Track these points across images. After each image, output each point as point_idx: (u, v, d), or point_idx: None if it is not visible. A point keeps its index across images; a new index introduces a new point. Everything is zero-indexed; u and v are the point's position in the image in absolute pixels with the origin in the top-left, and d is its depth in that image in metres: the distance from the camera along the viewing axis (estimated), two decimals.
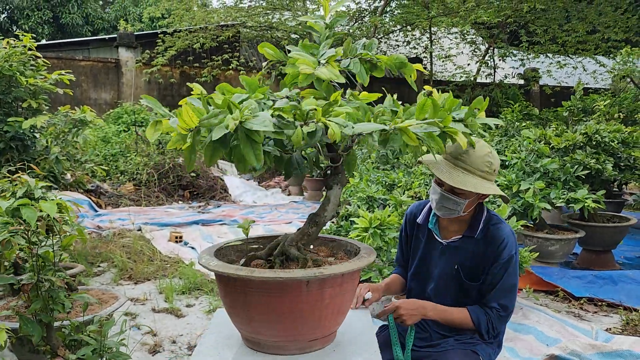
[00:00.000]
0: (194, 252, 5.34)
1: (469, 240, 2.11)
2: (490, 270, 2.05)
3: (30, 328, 1.83)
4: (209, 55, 12.54)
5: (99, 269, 4.85)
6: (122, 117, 10.61)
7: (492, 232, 2.08)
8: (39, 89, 4.31)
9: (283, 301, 1.68)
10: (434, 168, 1.99)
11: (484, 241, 2.08)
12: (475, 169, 2.00)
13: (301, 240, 1.99)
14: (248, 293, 1.67)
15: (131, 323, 3.48)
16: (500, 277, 2.04)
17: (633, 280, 3.96)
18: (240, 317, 1.75)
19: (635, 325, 3.40)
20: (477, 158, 2.00)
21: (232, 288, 1.71)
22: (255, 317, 1.71)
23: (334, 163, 1.88)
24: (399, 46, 15.62)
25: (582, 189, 4.24)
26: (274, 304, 1.68)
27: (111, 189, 8.46)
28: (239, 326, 1.79)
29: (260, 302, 1.68)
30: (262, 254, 1.90)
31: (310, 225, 1.98)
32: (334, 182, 1.89)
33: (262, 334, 1.74)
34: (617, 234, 4.73)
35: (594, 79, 14.79)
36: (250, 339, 1.79)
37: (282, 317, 1.70)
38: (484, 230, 2.09)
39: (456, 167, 2.01)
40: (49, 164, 4.10)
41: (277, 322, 1.70)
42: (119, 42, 12.53)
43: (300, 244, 2.00)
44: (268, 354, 1.79)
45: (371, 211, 4.64)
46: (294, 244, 1.97)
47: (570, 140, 4.54)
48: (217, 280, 1.77)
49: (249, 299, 1.68)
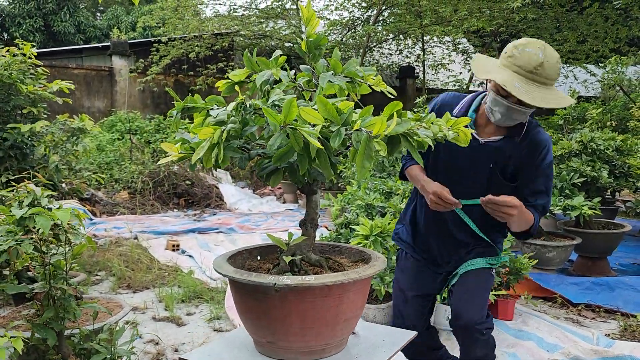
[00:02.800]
0: (191, 260, 5.34)
1: (511, 142, 2.13)
2: (532, 173, 2.12)
3: (44, 333, 1.83)
4: (204, 64, 12.56)
5: (97, 277, 4.83)
6: (116, 125, 10.60)
7: (533, 135, 2.12)
8: (38, 97, 4.31)
9: (329, 304, 1.71)
10: (508, 87, 1.88)
11: (527, 144, 2.11)
12: (552, 80, 1.93)
13: (312, 245, 2.02)
14: (294, 301, 1.67)
15: (133, 332, 3.46)
16: (543, 180, 2.11)
17: (630, 287, 4.01)
18: (272, 327, 1.74)
19: (633, 331, 3.44)
20: (552, 67, 1.92)
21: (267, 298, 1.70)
22: (294, 324, 1.70)
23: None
24: (391, 55, 15.75)
25: (579, 196, 4.30)
26: (318, 308, 1.70)
27: (106, 197, 8.43)
28: (265, 335, 1.77)
29: (307, 309, 1.69)
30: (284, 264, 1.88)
31: (310, 227, 2.01)
32: (317, 187, 1.95)
33: (302, 340, 1.74)
34: (612, 240, 4.79)
35: (585, 87, 14.98)
36: (277, 348, 1.78)
37: (322, 321, 1.72)
38: (527, 133, 2.11)
39: (532, 82, 1.92)
40: (49, 172, 4.09)
41: (318, 326, 1.72)
42: (113, 50, 12.52)
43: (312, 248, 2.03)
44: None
45: (370, 219, 4.67)
46: (310, 249, 1.99)
47: (566, 148, 4.60)
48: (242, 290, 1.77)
49: (297, 307, 1.68)
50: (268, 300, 1.70)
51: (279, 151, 1.64)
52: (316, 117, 1.57)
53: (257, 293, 1.72)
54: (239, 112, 1.70)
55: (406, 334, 2.13)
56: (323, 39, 1.99)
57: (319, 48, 2.02)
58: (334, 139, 1.56)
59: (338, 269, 1.97)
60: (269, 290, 1.68)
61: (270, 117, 1.54)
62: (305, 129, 1.53)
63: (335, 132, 1.57)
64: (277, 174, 1.84)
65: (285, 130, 1.56)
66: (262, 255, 2.18)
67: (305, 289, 1.66)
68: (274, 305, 1.70)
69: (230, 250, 2.10)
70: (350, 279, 1.69)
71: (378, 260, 1.92)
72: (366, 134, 1.55)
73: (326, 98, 2.12)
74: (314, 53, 2.02)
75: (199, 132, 1.59)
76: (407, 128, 1.60)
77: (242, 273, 1.73)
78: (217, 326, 3.58)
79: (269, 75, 1.91)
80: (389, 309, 3.48)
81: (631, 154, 4.86)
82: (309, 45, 2.00)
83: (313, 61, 2.03)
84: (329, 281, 1.66)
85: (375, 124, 1.53)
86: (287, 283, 1.63)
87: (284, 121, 1.53)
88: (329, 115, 1.59)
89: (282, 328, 1.71)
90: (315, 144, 1.48)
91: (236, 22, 12.51)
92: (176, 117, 1.97)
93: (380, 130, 1.52)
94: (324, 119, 1.59)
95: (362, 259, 2.07)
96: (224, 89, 2.04)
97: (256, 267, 2.07)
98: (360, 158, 1.53)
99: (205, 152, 1.64)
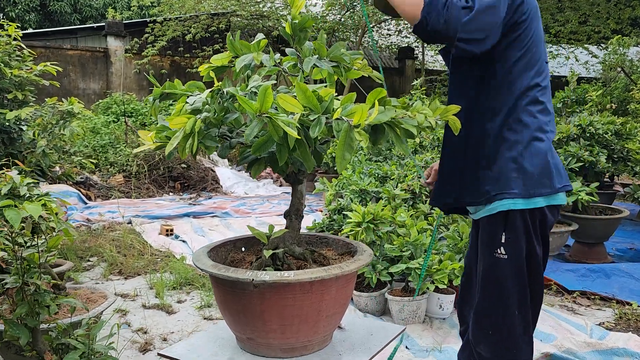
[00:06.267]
0: (184, 246, 5.29)
1: None
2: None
3: (16, 331, 1.78)
4: (200, 45, 12.39)
5: (88, 263, 4.78)
6: (111, 107, 10.48)
7: None
8: (24, 80, 4.21)
9: (310, 301, 1.65)
10: None
11: None
12: None
13: (296, 237, 1.95)
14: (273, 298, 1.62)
15: (121, 320, 3.43)
16: None
17: (626, 274, 3.96)
18: (251, 323, 1.68)
19: (628, 320, 3.40)
20: None
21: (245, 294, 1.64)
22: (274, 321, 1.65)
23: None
24: (390, 35, 15.53)
25: (576, 181, 4.23)
26: (298, 305, 1.65)
27: (101, 180, 8.36)
28: (245, 331, 1.72)
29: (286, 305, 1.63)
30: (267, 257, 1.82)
31: (295, 218, 1.95)
32: (302, 177, 1.89)
33: (282, 337, 1.68)
34: (610, 226, 4.73)
35: (586, 69, 14.81)
36: (258, 345, 1.72)
37: (306, 318, 1.67)
38: None
39: None
40: (36, 157, 4.01)
41: (298, 323, 1.66)
42: (108, 31, 12.34)
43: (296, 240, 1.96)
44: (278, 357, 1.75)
45: (364, 204, 4.61)
46: (295, 241, 1.93)
47: (564, 132, 4.52)
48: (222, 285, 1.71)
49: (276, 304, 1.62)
50: (246, 296, 1.65)
51: (257, 141, 1.56)
52: (295, 105, 1.49)
53: (235, 289, 1.66)
54: (215, 100, 1.62)
55: (395, 328, 2.07)
56: (308, 20, 1.90)
57: (304, 30, 1.93)
58: (313, 128, 1.49)
59: (323, 262, 1.91)
60: (247, 286, 1.62)
61: (246, 105, 1.46)
62: (283, 117, 1.45)
63: (315, 120, 1.49)
64: (258, 163, 1.76)
65: (261, 119, 1.48)
66: (247, 247, 2.12)
67: (285, 285, 1.60)
68: (252, 301, 1.64)
69: (214, 242, 2.04)
70: (332, 275, 1.63)
71: (364, 253, 1.86)
72: (347, 123, 1.47)
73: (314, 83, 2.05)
74: (299, 36, 1.94)
75: (171, 122, 1.51)
76: (390, 117, 1.52)
77: (219, 268, 1.66)
78: (207, 314, 3.54)
79: (250, 59, 1.83)
80: (381, 297, 3.43)
81: (630, 138, 4.77)
82: (294, 28, 1.91)
83: (298, 44, 1.95)
84: (308, 277, 1.59)
85: (356, 113, 1.44)
86: (265, 279, 1.57)
87: (259, 110, 1.45)
88: (309, 103, 1.51)
89: (261, 325, 1.65)
90: (292, 134, 1.41)
91: (233, 2, 12.31)
92: (154, 104, 1.89)
93: (361, 120, 1.44)
94: (303, 107, 1.51)
95: (349, 251, 2.01)
96: (206, 73, 1.96)
97: (240, 260, 2.00)
98: (341, 149, 1.46)
99: (180, 142, 1.56)
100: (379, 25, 14.45)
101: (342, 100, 1.53)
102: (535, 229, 1.73)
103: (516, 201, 1.71)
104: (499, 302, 1.75)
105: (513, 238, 1.72)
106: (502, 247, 1.74)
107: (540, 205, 1.72)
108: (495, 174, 1.74)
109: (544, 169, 1.72)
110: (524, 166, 1.71)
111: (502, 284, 1.74)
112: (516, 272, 1.73)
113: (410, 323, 3.26)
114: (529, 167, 1.71)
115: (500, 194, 1.72)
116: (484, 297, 1.80)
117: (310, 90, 1.50)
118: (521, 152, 1.72)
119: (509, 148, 1.73)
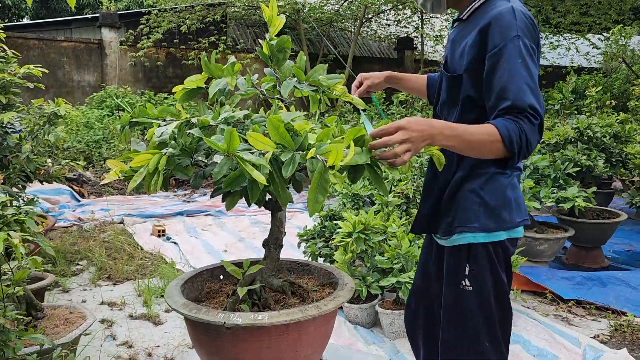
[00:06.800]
0: (175, 248, 5.22)
1: (459, 26, 1.73)
2: (482, 66, 1.58)
3: None
4: (196, 37, 12.23)
5: (77, 267, 4.71)
6: (105, 101, 10.36)
7: (483, 6, 1.64)
8: (8, 83, 4.10)
9: (287, 342, 1.58)
10: None
11: (472, 19, 1.66)
12: None
13: (275, 268, 1.87)
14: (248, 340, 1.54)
15: (106, 332, 3.36)
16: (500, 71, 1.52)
17: (622, 282, 3.89)
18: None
19: (624, 332, 3.33)
20: None
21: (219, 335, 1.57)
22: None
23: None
24: (389, 25, 15.34)
25: (572, 186, 4.14)
26: (274, 347, 1.58)
27: (94, 177, 8.28)
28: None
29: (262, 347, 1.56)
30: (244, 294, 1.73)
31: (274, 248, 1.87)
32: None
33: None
34: (607, 230, 4.66)
35: (587, 60, 14.65)
36: None
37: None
38: (480, 11, 1.64)
39: None
40: (20, 163, 3.92)
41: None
42: (102, 22, 12.16)
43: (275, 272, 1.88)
44: None
45: (357, 208, 4.53)
46: (273, 273, 1.85)
47: (562, 136, 4.42)
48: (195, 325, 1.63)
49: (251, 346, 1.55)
50: (220, 337, 1.57)
51: (229, 176, 1.47)
52: (266, 144, 1.40)
53: (209, 330, 1.58)
54: (183, 132, 1.52)
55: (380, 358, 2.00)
56: (287, 42, 1.80)
57: (282, 51, 1.83)
58: (286, 167, 1.40)
59: (303, 294, 1.83)
60: (220, 327, 1.54)
61: (213, 145, 1.37)
62: (252, 158, 1.35)
63: (288, 160, 1.40)
64: (232, 196, 1.67)
65: (230, 158, 1.39)
66: (225, 275, 2.04)
67: (259, 327, 1.52)
68: (226, 343, 1.56)
69: (190, 272, 1.96)
70: (308, 317, 1.55)
71: (344, 288, 1.77)
72: (322, 163, 1.38)
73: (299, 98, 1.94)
74: (277, 57, 1.83)
75: (133, 160, 1.42)
76: (367, 158, 1.42)
77: (190, 308, 1.58)
78: None
79: (224, 84, 1.73)
80: (372, 309, 3.36)
81: (629, 140, 4.68)
82: (271, 49, 1.81)
83: (276, 66, 1.85)
84: (283, 320, 1.51)
85: (331, 153, 1.35)
86: (237, 323, 1.49)
87: (227, 150, 1.36)
88: (282, 140, 1.41)
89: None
90: (261, 181, 1.32)
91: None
92: (125, 130, 1.80)
93: (337, 161, 1.34)
94: (275, 144, 1.42)
95: (330, 282, 1.93)
96: (180, 96, 1.86)
97: (217, 290, 1.93)
98: (314, 191, 1.37)
99: (146, 178, 1.47)
100: (378, 16, 14.26)
101: (318, 136, 1.44)
102: (499, 259, 1.71)
103: (476, 235, 1.68)
104: (464, 333, 1.71)
105: (477, 270, 1.69)
106: (467, 279, 1.71)
107: (502, 238, 1.70)
108: (456, 206, 1.71)
109: (505, 203, 1.68)
110: (485, 199, 1.67)
111: (467, 315, 1.71)
112: (482, 303, 1.70)
113: (402, 337, 3.19)
114: (489, 201, 1.67)
115: (460, 227, 1.69)
116: (449, 329, 1.75)
117: (283, 125, 1.41)
118: (482, 185, 1.68)
119: (470, 180, 1.69)
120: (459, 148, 1.51)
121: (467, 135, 1.48)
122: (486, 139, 1.48)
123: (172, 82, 12.97)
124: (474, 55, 1.59)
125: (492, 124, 1.50)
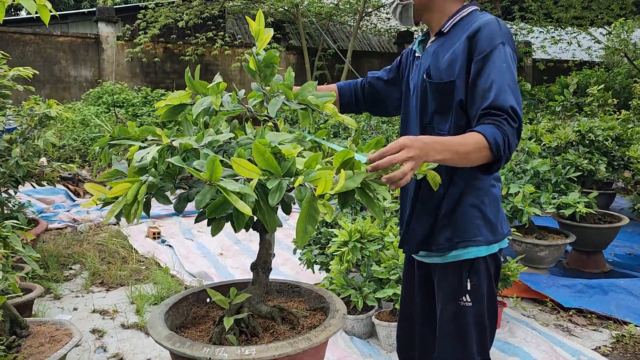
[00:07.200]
0: (170, 252, 5.14)
1: (440, 39, 1.75)
2: (467, 72, 1.64)
3: None
4: (193, 32, 12.10)
5: (70, 272, 4.64)
6: (102, 97, 10.25)
7: (463, 20, 1.72)
8: None
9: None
10: None
11: (453, 32, 1.72)
12: None
13: (263, 293, 1.80)
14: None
15: (97, 343, 3.29)
16: (485, 74, 1.57)
17: (624, 290, 3.81)
18: None
19: (625, 344, 3.26)
20: None
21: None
22: None
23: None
24: (389, 19, 15.21)
25: (574, 191, 4.05)
26: None
27: (90, 175, 8.19)
28: None
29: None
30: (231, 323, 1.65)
31: (262, 272, 1.80)
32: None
33: None
34: (609, 235, 4.58)
35: (589, 54, 14.53)
36: None
37: None
38: (459, 25, 1.72)
39: None
40: (9, 168, 3.84)
41: None
42: (99, 16, 12.04)
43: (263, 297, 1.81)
44: None
45: (354, 212, 4.45)
46: (261, 299, 1.78)
47: (563, 139, 4.33)
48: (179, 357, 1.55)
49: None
50: None
51: (212, 203, 1.39)
52: (252, 170, 1.32)
53: None
54: (163, 158, 1.44)
55: None
56: (274, 57, 1.71)
57: (270, 66, 1.74)
58: (272, 195, 1.31)
59: (293, 321, 1.75)
60: None
61: (195, 174, 1.28)
62: (236, 188, 1.27)
63: (275, 187, 1.32)
64: (217, 222, 1.59)
65: (213, 187, 1.31)
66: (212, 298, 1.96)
67: None
68: None
69: (176, 295, 1.88)
70: (298, 350, 1.47)
71: (335, 316, 1.70)
72: (310, 191, 1.29)
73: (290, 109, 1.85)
74: (264, 72, 1.75)
75: (111, 190, 1.33)
76: (360, 182, 1.34)
77: (174, 342, 1.50)
78: None
79: (208, 103, 1.64)
80: (368, 320, 3.29)
81: (632, 143, 4.59)
82: (258, 64, 1.72)
83: (264, 82, 1.76)
84: (271, 355, 1.44)
85: (320, 180, 1.27)
86: (223, 358, 1.41)
87: (209, 180, 1.27)
88: (268, 166, 1.33)
89: None
90: (246, 212, 1.24)
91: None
92: (103, 151, 1.72)
93: (326, 190, 1.26)
94: (261, 170, 1.34)
95: (322, 307, 1.85)
96: (163, 113, 1.77)
97: (203, 316, 1.85)
98: (303, 221, 1.29)
99: (125, 207, 1.39)
100: (377, 10, 14.12)
101: (306, 161, 1.35)
102: (494, 271, 1.78)
103: (480, 249, 1.71)
104: (460, 349, 1.74)
105: (478, 284, 1.72)
106: (468, 295, 1.72)
107: (495, 250, 1.76)
108: (457, 220, 1.71)
109: (500, 216, 1.76)
110: (486, 213, 1.72)
111: (466, 331, 1.73)
112: (479, 318, 1.74)
113: None
114: (489, 215, 1.72)
115: (464, 241, 1.70)
116: (445, 347, 1.77)
117: (269, 151, 1.33)
118: (482, 199, 1.71)
119: (469, 194, 1.70)
120: (450, 160, 1.48)
121: (456, 147, 1.47)
122: (475, 147, 1.49)
123: (169, 78, 12.86)
124: (463, 60, 1.64)
125: (477, 131, 1.51)
